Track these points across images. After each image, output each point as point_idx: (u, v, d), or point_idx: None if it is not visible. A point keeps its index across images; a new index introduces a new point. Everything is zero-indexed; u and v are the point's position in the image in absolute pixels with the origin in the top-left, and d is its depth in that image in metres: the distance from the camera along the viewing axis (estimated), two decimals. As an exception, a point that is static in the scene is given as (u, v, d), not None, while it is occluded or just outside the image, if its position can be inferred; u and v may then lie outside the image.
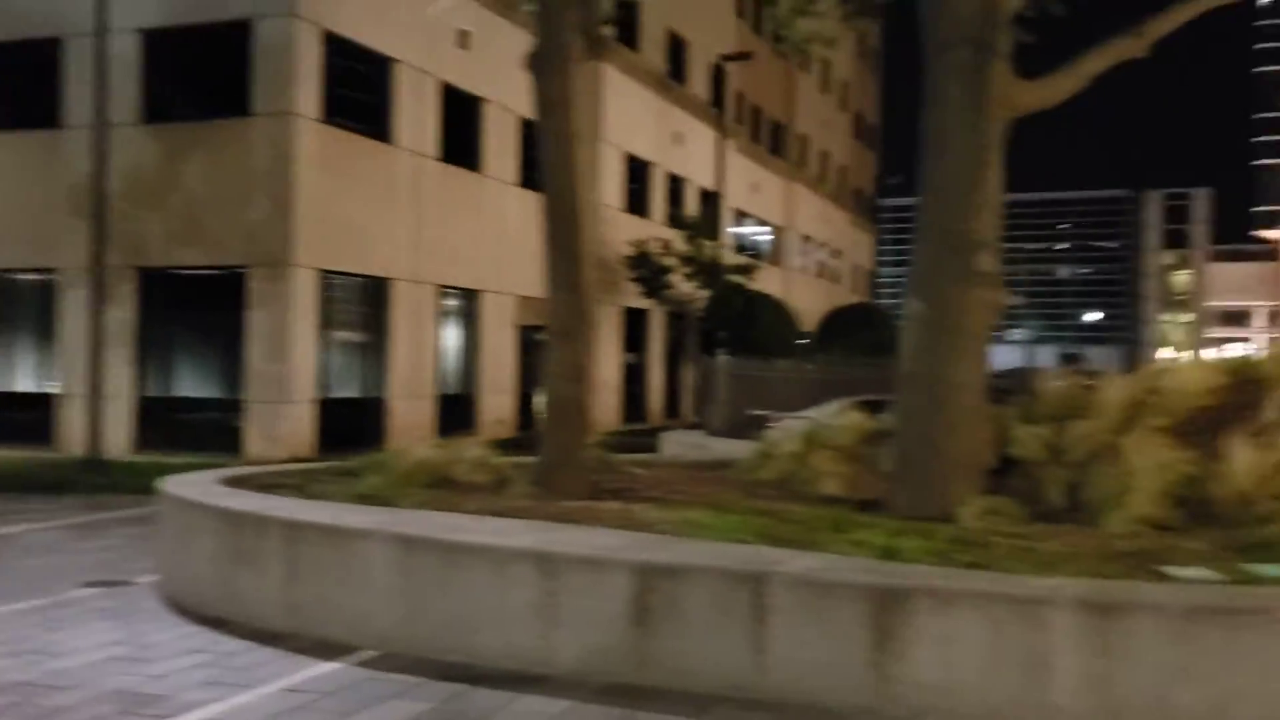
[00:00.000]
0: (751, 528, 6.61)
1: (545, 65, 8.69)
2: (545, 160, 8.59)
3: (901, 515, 7.36)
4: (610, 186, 29.12)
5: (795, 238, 46.46)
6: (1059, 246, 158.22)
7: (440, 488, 8.54)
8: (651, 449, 17.07)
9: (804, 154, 48.22)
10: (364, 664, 6.31)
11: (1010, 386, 9.98)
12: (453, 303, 23.71)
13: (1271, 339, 71.29)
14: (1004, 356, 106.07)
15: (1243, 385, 8.29)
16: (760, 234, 42.81)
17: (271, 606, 7.01)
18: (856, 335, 35.29)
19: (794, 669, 5.37)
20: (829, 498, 8.41)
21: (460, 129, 23.41)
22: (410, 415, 21.35)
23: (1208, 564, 5.96)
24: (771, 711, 5.37)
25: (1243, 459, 6.99)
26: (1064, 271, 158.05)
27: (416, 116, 21.99)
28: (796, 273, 46.24)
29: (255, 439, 18.49)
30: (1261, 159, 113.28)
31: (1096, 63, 8.38)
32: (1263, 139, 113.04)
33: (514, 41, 18.67)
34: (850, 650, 5.26)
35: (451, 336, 23.83)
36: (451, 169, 23.19)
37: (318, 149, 19.15)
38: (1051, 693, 5.00)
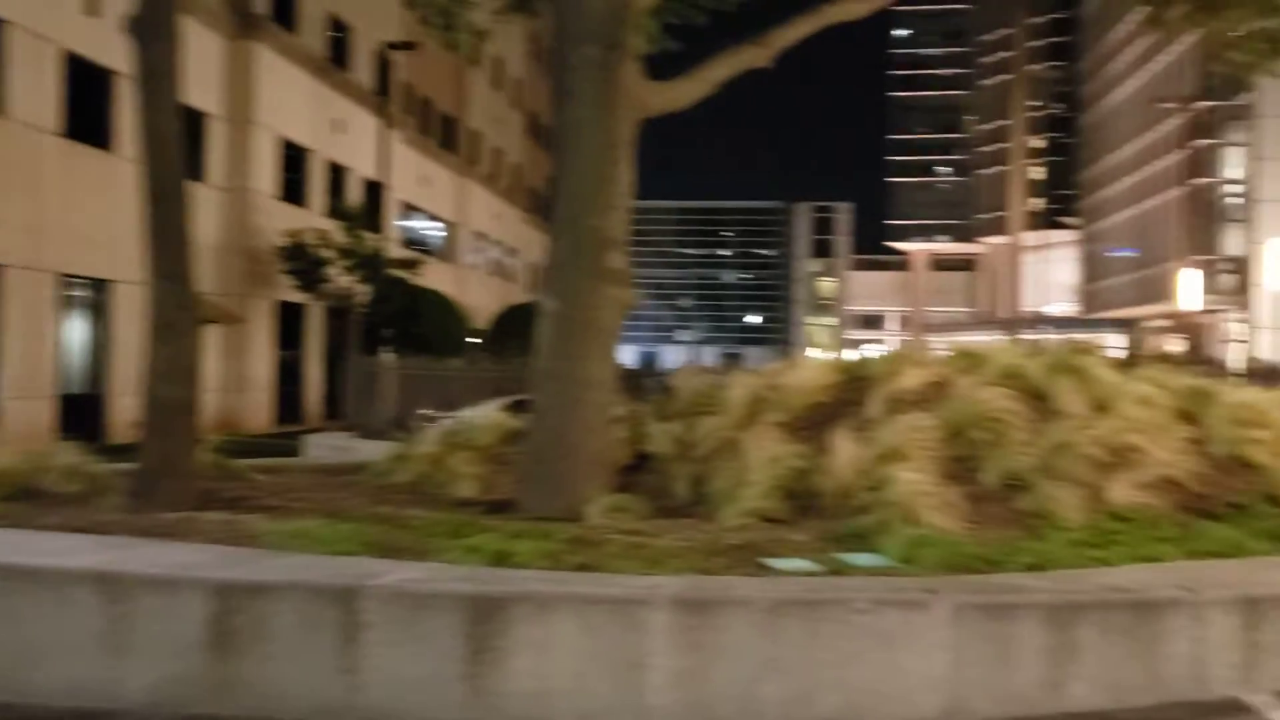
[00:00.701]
0: (362, 537, 6.21)
1: (148, 29, 7.85)
2: (144, 135, 7.77)
3: (531, 516, 7.20)
4: (263, 172, 27.51)
5: (468, 234, 46.07)
6: (723, 253, 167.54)
7: (22, 500, 7.53)
8: (295, 452, 16.16)
9: (476, 150, 47.92)
10: (-115, 715, 5.35)
11: (669, 384, 10.16)
12: (80, 294, 21.55)
13: (902, 340, 78.81)
14: (672, 355, 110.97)
15: (853, 383, 8.80)
16: (431, 229, 42.11)
17: None
18: (530, 333, 35.44)
19: (389, 687, 5.03)
20: (462, 500, 8.16)
21: (88, 103, 21.28)
22: (25, 418, 19.17)
23: (808, 555, 6.19)
24: (364, 734, 5.01)
25: (844, 453, 7.35)
26: (728, 276, 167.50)
27: (34, 87, 19.77)
28: (470, 270, 45.86)
29: None
30: (894, 176, 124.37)
31: (721, 70, 8.61)
32: (895, 158, 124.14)
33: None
34: (446, 664, 4.98)
35: (78, 331, 21.65)
36: (78, 147, 21.06)
37: (-96, 115, 16.76)
38: (645, 694, 4.95)
